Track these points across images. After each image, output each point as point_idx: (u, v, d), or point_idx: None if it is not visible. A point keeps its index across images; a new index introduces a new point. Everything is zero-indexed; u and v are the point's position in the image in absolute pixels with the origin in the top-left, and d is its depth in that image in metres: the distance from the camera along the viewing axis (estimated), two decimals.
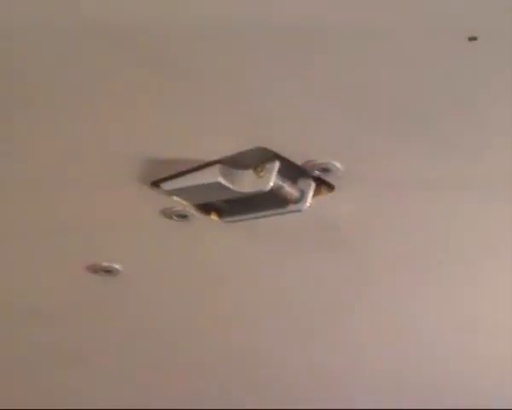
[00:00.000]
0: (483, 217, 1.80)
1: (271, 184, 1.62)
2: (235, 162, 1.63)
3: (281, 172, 1.62)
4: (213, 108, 1.48)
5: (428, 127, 1.53)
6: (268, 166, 1.62)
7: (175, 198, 1.73)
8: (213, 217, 1.79)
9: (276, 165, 1.60)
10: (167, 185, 1.71)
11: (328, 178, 1.65)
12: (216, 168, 1.64)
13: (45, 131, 1.55)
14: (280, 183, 1.64)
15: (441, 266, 1.98)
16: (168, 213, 1.79)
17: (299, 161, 1.60)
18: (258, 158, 1.61)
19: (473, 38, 1.30)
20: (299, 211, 1.70)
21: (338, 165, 1.61)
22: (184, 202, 1.76)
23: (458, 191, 1.71)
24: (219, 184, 1.65)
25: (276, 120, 1.51)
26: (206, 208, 1.78)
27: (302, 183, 1.68)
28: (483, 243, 1.88)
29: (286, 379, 2.59)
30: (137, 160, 1.62)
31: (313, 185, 1.67)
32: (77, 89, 1.43)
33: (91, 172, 1.66)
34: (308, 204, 1.68)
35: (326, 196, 1.70)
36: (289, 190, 1.66)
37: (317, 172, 1.64)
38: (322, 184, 1.68)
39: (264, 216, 1.77)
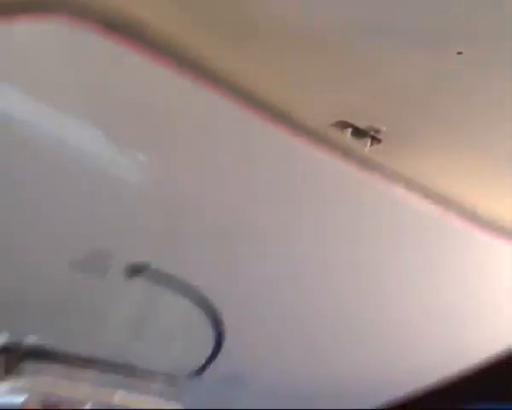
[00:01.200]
0: None
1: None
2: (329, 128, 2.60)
3: (352, 133, 2.59)
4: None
5: (435, 113, 2.45)
6: (345, 129, 2.59)
7: None
8: None
9: (350, 129, 2.59)
10: None
11: (377, 135, 2.62)
12: None
13: None
14: (352, 138, 2.59)
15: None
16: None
17: (362, 127, 2.58)
18: (340, 126, 2.58)
19: (459, 53, 2.09)
20: None
21: (384, 128, 2.58)
22: None
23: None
24: None
25: (352, 106, 2.48)
26: None
27: (364, 139, 2.62)
28: None
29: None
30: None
31: (370, 139, 2.63)
32: None
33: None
34: (367, 149, 2.65)
35: (377, 146, 2.65)
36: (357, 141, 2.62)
37: (372, 132, 2.61)
38: (374, 139, 2.63)
39: None
